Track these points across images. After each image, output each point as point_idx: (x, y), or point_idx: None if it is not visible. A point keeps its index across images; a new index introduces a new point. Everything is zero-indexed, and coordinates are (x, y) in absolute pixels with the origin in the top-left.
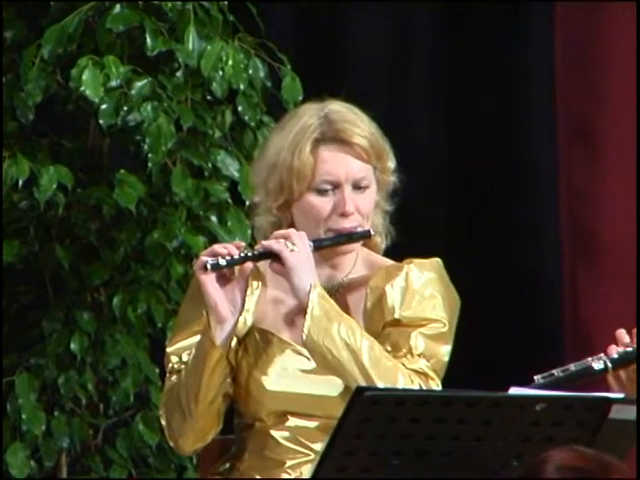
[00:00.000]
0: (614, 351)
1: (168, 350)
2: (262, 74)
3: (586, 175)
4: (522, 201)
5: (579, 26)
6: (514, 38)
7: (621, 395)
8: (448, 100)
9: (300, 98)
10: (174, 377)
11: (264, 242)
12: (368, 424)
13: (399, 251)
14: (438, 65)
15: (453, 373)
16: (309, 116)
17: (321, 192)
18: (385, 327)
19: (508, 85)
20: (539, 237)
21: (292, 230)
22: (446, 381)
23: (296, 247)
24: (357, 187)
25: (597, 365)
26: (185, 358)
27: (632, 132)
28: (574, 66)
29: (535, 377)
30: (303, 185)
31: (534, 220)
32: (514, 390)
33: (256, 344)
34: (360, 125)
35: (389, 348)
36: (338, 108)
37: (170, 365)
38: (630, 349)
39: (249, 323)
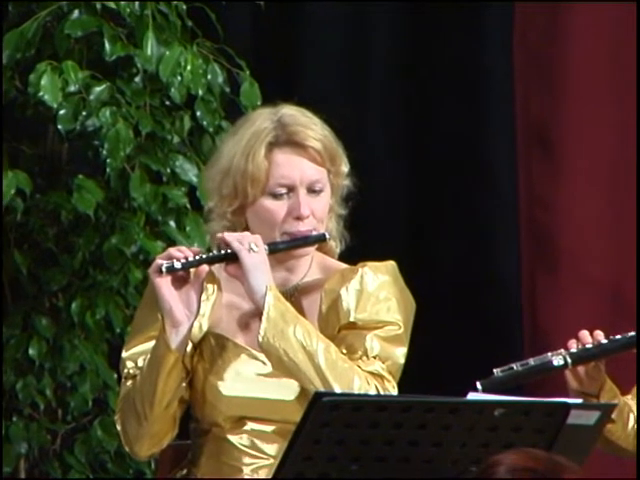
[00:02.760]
0: (574, 347)
1: (124, 355)
2: (220, 79)
3: (545, 180)
4: (480, 205)
5: (538, 28)
6: (473, 40)
7: (579, 401)
8: (406, 103)
9: (259, 103)
10: (129, 382)
11: (225, 234)
12: (326, 429)
13: (355, 254)
14: (396, 67)
15: (410, 376)
16: (262, 120)
17: (276, 196)
18: (340, 330)
19: (466, 88)
20: (498, 241)
21: (247, 233)
22: (403, 384)
23: (253, 248)
24: (312, 190)
25: (556, 360)
26: (141, 363)
27: (591, 135)
28: (533, 69)
29: (494, 370)
30: (257, 189)
31: (492, 224)
32: (473, 395)
33: (211, 349)
34: (314, 128)
35: (345, 351)
36: (291, 112)
37: (126, 370)
38: (590, 346)
39: (204, 328)
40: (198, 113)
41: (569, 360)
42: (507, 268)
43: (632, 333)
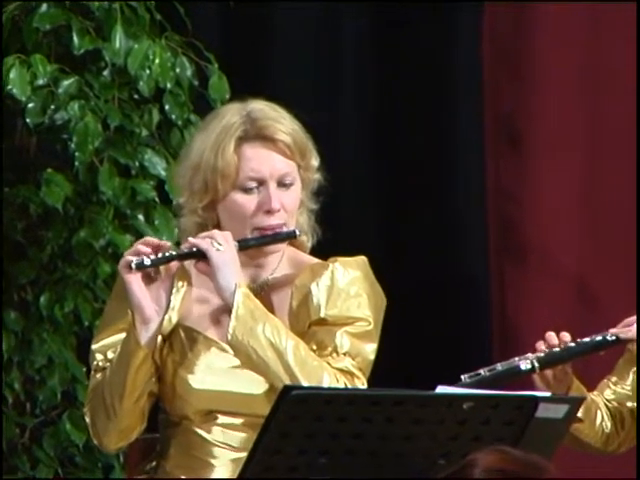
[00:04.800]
0: (541, 349)
1: (93, 347)
2: (189, 73)
3: (513, 174)
4: (449, 200)
5: (507, 25)
6: (442, 35)
7: (548, 394)
8: (375, 98)
9: (227, 97)
10: (99, 375)
11: (191, 239)
12: (295, 423)
13: (326, 249)
14: (365, 64)
15: (380, 372)
16: (231, 115)
17: (246, 190)
18: (311, 326)
19: (435, 84)
20: (466, 236)
21: (216, 231)
22: (372, 380)
23: (222, 247)
24: (282, 184)
25: (524, 365)
26: (110, 356)
27: (559, 130)
28: (501, 64)
29: (462, 376)
30: (227, 184)
31: (461, 219)
32: (441, 389)
33: (181, 342)
34: (283, 122)
35: (315, 347)
36: (260, 106)
37: (95, 363)
38: (557, 349)
39: (174, 321)
40: (166, 106)
41: (537, 364)
42: (476, 262)
43: (599, 337)
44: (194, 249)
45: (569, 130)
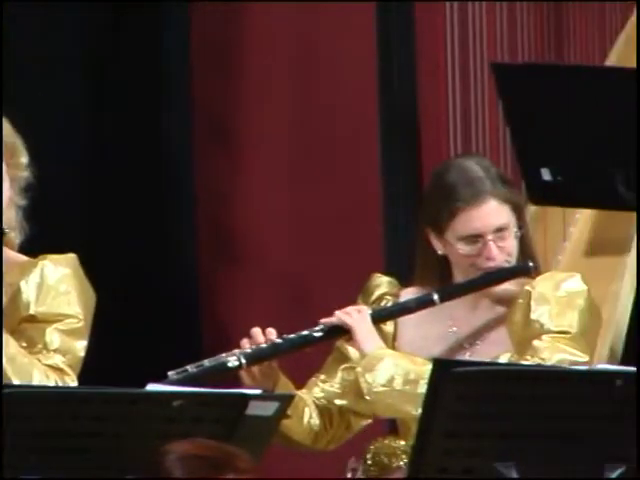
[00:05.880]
0: (247, 347)
1: None
2: None
3: (224, 174)
4: (159, 200)
5: (216, 25)
6: (150, 35)
7: (258, 391)
8: (85, 97)
9: None
10: None
11: None
12: (11, 423)
13: (35, 246)
14: (78, 65)
15: (91, 369)
16: None
17: None
18: (21, 323)
19: (144, 84)
20: (176, 236)
21: None
22: (84, 377)
23: None
24: None
25: (231, 361)
26: None
27: (269, 130)
28: (210, 65)
29: (169, 373)
30: None
31: (171, 218)
32: (152, 387)
33: None
34: None
35: (25, 344)
36: None
37: None
38: (264, 345)
39: None
40: None
41: (243, 361)
42: (186, 262)
43: (305, 332)
44: None
45: (278, 130)
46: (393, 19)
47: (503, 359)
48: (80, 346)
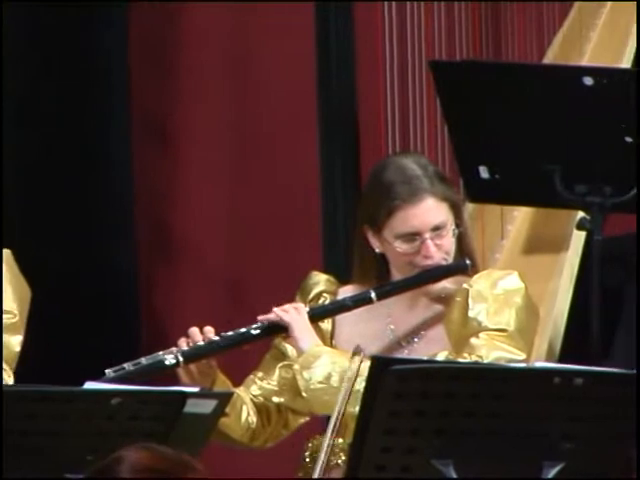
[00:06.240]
0: (184, 345)
1: None
2: None
3: (161, 172)
4: (97, 198)
5: (154, 23)
6: (88, 35)
7: (196, 389)
8: (24, 95)
9: None
10: None
11: None
12: None
13: None
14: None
15: (28, 365)
16: None
17: None
18: None
19: (83, 83)
20: (115, 233)
21: None
22: (21, 375)
23: None
24: None
25: (169, 359)
26: None
27: (206, 129)
28: (148, 64)
29: (106, 371)
30: None
31: (109, 217)
32: (90, 385)
33: None
34: None
35: None
36: None
37: None
38: (201, 343)
39: None
40: None
41: (181, 359)
42: (124, 261)
43: (243, 329)
44: None
45: (217, 129)
46: (332, 19)
47: (440, 357)
48: (15, 341)
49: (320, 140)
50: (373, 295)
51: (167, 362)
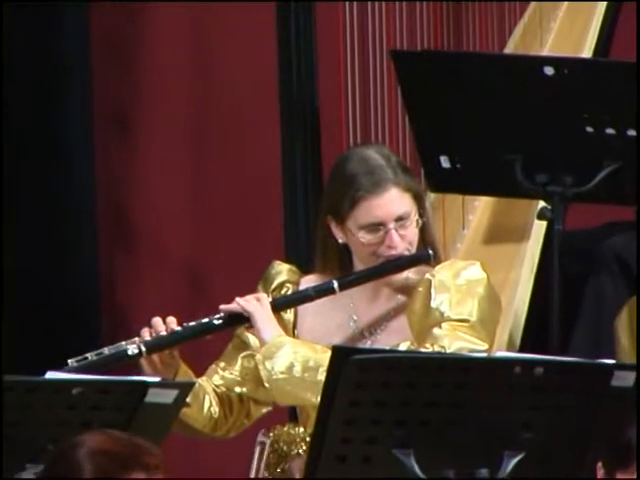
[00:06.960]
0: (147, 335)
1: None
2: None
3: (122, 161)
4: (57, 189)
5: (115, 14)
6: (49, 28)
7: (157, 379)
8: None
9: None
10: None
11: None
12: None
13: None
14: None
15: None
16: None
17: None
18: None
19: (44, 77)
20: (76, 223)
21: None
22: None
23: None
24: None
25: (131, 349)
26: None
27: (167, 124)
28: (109, 53)
29: (69, 361)
30: None
31: (71, 206)
32: (51, 374)
33: None
34: None
35: None
36: None
37: None
38: (163, 333)
39: None
40: None
41: (144, 349)
42: (85, 249)
43: (205, 319)
44: None
45: (178, 117)
46: (293, 19)
47: (403, 347)
48: None
49: (281, 131)
50: (336, 285)
51: (130, 352)
